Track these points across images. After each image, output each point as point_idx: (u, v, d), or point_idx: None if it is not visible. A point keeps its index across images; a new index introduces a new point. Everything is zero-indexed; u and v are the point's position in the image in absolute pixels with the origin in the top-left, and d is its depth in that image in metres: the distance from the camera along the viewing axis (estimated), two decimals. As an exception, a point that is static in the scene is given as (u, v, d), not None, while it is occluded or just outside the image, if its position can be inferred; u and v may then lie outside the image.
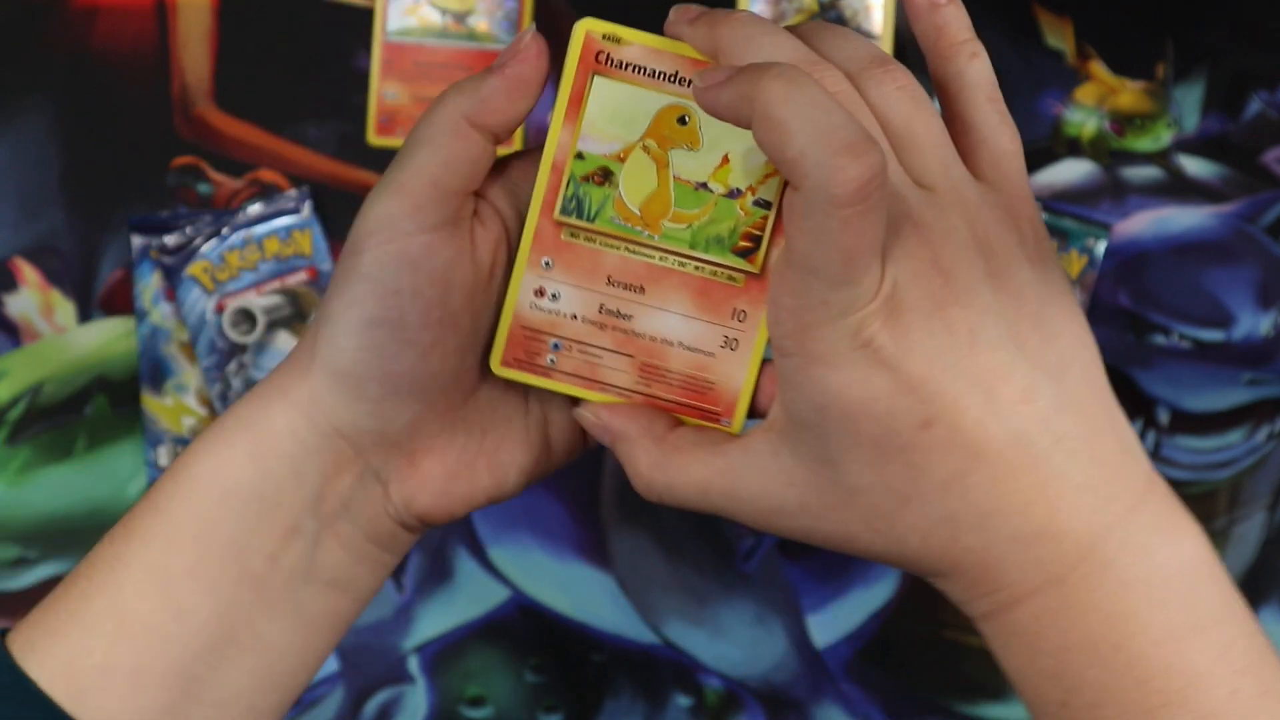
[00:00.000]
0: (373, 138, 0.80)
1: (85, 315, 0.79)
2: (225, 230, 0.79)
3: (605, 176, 0.44)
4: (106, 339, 0.80)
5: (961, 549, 0.41)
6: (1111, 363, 0.43)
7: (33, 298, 0.79)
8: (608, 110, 0.44)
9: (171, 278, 0.79)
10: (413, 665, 0.79)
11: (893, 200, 0.41)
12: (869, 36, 0.80)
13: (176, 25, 0.80)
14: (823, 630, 0.79)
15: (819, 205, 0.38)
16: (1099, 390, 0.42)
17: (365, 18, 0.80)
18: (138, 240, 0.79)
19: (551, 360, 0.45)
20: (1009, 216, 0.43)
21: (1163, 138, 0.80)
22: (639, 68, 0.44)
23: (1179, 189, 0.80)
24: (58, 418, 0.79)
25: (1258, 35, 0.81)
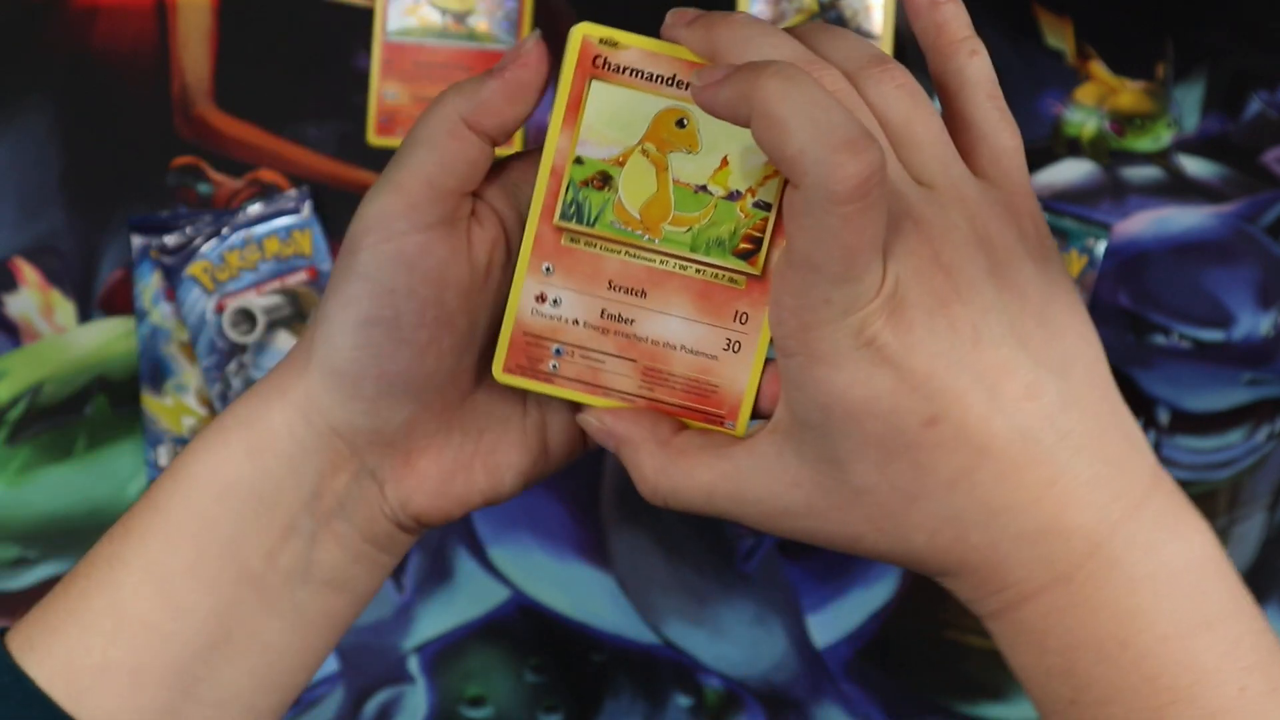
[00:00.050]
0: (373, 138, 0.80)
1: (85, 315, 0.79)
2: (225, 230, 0.79)
3: (605, 181, 0.44)
4: (106, 339, 0.80)
5: (968, 547, 0.41)
6: (1111, 363, 0.43)
7: (33, 298, 0.79)
8: (606, 114, 0.43)
9: (171, 278, 0.79)
10: (413, 665, 0.79)
11: (893, 198, 0.40)
12: (869, 37, 0.80)
13: (176, 25, 0.80)
14: (823, 630, 0.79)
15: (819, 203, 0.38)
16: (1103, 386, 0.42)
17: (365, 18, 0.80)
18: (138, 240, 0.79)
19: (554, 366, 0.45)
20: (1010, 213, 0.42)
21: (1163, 138, 0.80)
22: (636, 71, 0.43)
23: (1179, 189, 0.80)
24: (58, 418, 0.79)
25: (1258, 35, 0.81)
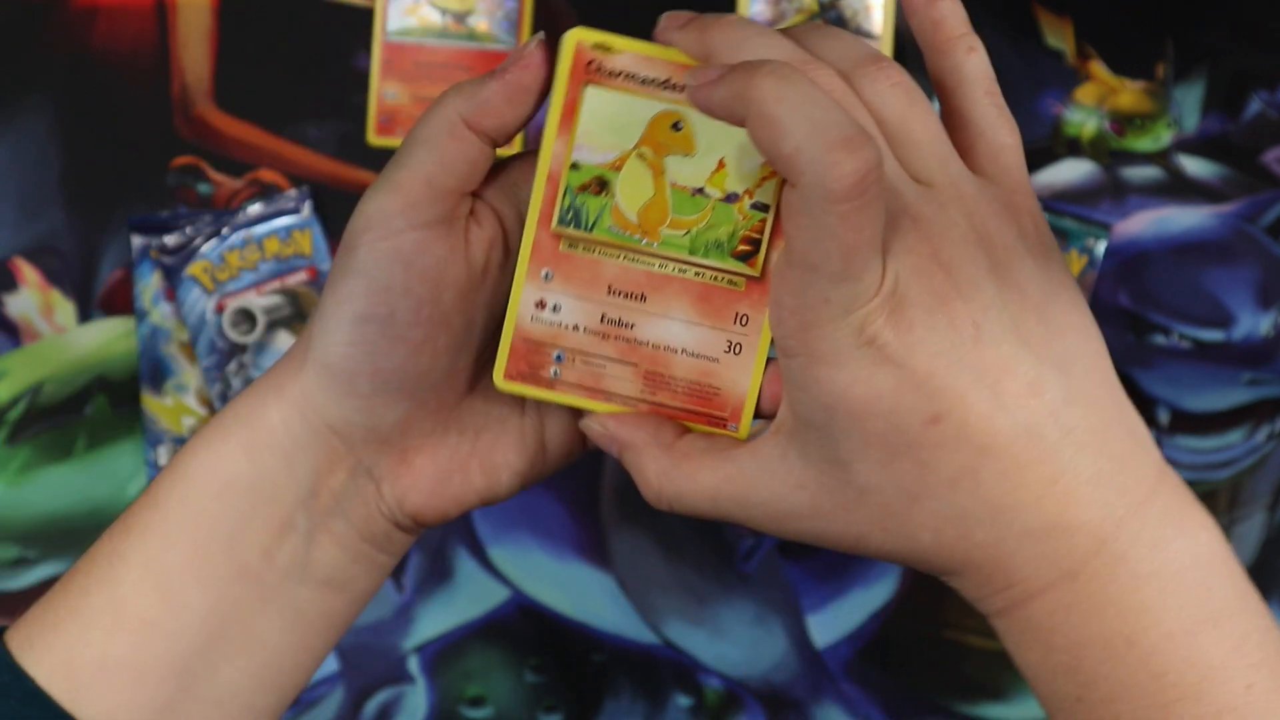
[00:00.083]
0: (373, 138, 0.80)
1: (85, 315, 0.79)
2: (225, 230, 0.79)
3: (601, 186, 0.44)
4: (106, 339, 0.80)
5: (973, 545, 0.41)
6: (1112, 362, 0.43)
7: (33, 298, 0.79)
8: (601, 119, 0.43)
9: (171, 278, 0.79)
10: (413, 665, 0.79)
11: (891, 197, 0.40)
12: (869, 37, 0.80)
13: (176, 25, 0.80)
14: (823, 630, 0.79)
15: (816, 201, 0.38)
16: (1107, 382, 0.42)
17: (365, 18, 0.80)
18: (138, 240, 0.79)
19: (555, 372, 0.45)
20: (1009, 210, 0.42)
21: (1163, 138, 0.80)
22: (631, 75, 0.43)
23: (1179, 189, 0.80)
24: (58, 418, 0.79)
25: (1258, 35, 0.81)
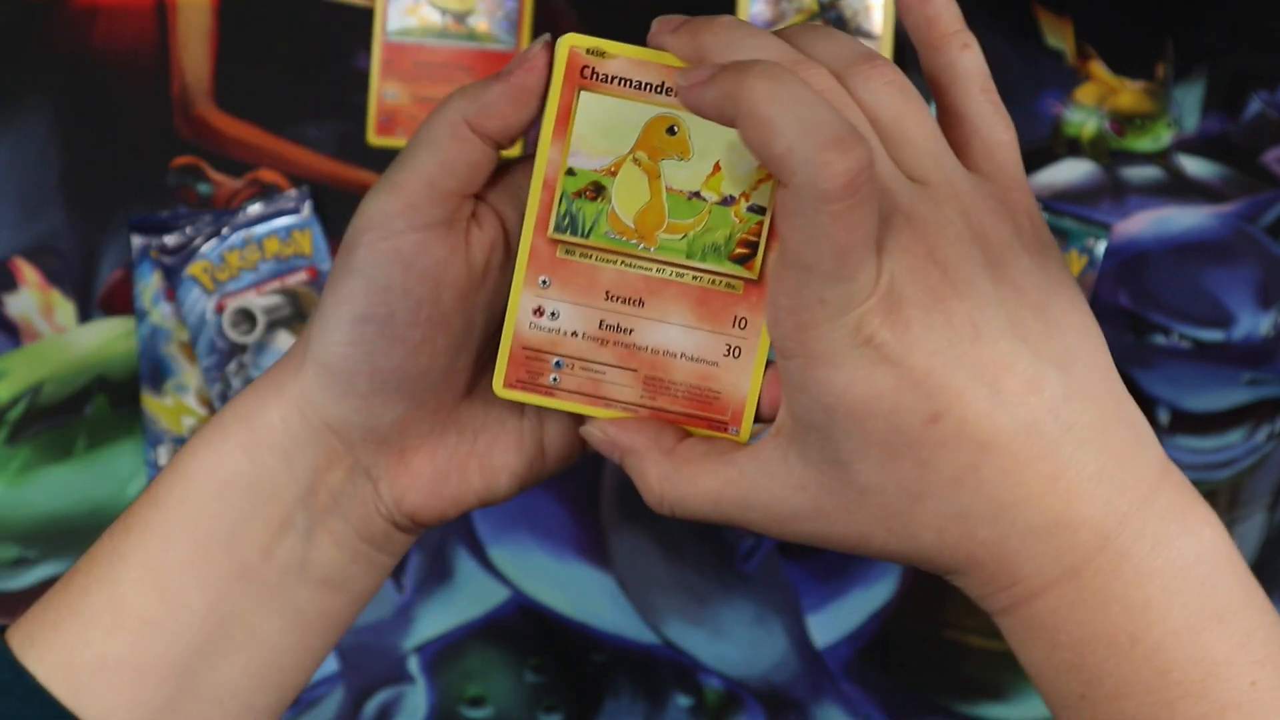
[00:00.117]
0: (373, 138, 0.80)
1: (85, 315, 0.79)
2: (225, 230, 0.79)
3: (597, 191, 0.44)
4: (106, 339, 0.80)
5: (976, 543, 0.41)
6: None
7: (33, 298, 0.79)
8: (596, 124, 0.43)
9: (171, 278, 0.79)
10: (413, 665, 0.79)
11: (885, 195, 0.40)
12: (869, 37, 0.80)
13: (176, 25, 0.80)
14: (823, 630, 0.79)
15: (809, 201, 0.38)
16: (1107, 378, 0.42)
17: (365, 18, 0.80)
18: (138, 240, 0.79)
19: (554, 379, 0.45)
20: (1005, 207, 0.42)
21: (1163, 138, 0.80)
22: (625, 80, 0.43)
23: (1179, 189, 0.80)
24: (58, 418, 0.79)
25: (1258, 35, 0.81)
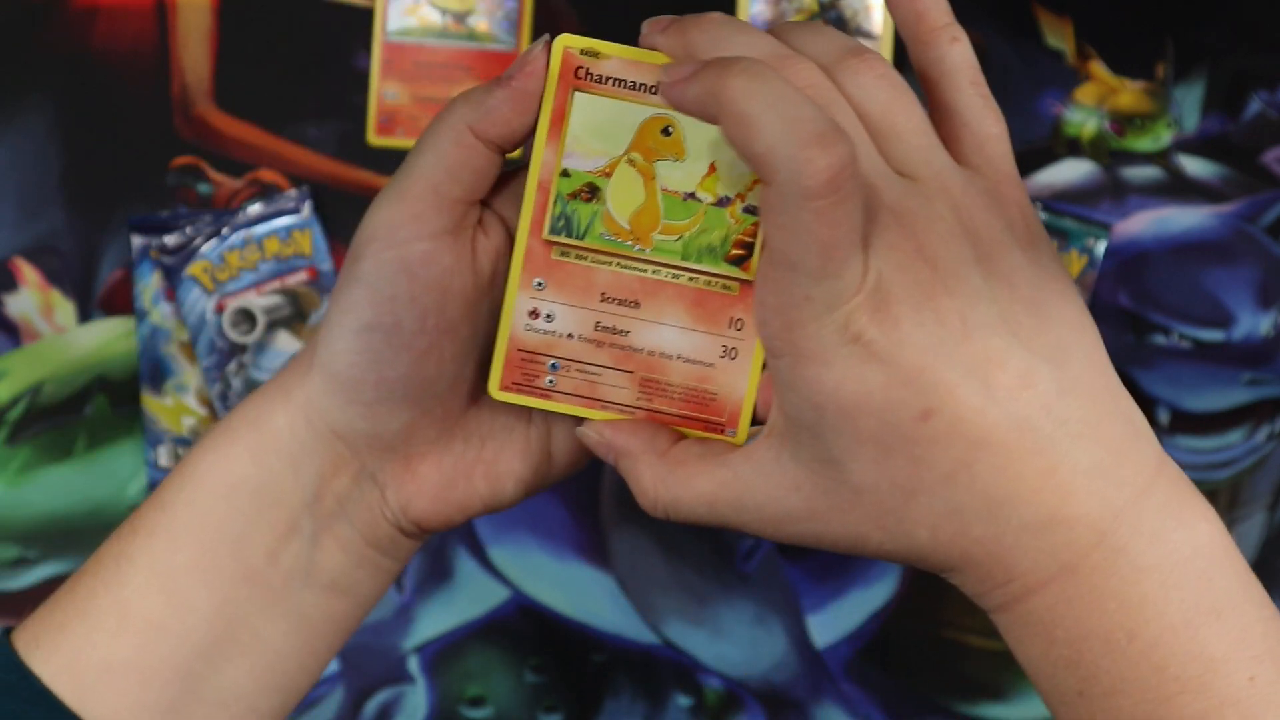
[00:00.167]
0: (373, 138, 0.80)
1: (85, 315, 0.79)
2: (225, 230, 0.79)
3: (592, 192, 0.44)
4: (106, 339, 0.80)
5: (971, 540, 0.41)
6: (1112, 363, 0.42)
7: (33, 298, 0.79)
8: (590, 125, 0.43)
9: (171, 278, 0.79)
10: (413, 665, 0.79)
11: (872, 192, 0.40)
12: (868, 37, 0.80)
13: (176, 25, 0.80)
14: (823, 630, 0.79)
15: (792, 199, 0.38)
16: (1102, 373, 0.41)
17: (365, 18, 0.80)
18: (138, 240, 0.79)
19: (550, 381, 0.45)
20: (995, 202, 0.42)
21: (1163, 138, 0.80)
22: (619, 81, 0.43)
23: (1179, 189, 0.80)
24: (58, 418, 0.79)
25: (1258, 35, 0.81)
